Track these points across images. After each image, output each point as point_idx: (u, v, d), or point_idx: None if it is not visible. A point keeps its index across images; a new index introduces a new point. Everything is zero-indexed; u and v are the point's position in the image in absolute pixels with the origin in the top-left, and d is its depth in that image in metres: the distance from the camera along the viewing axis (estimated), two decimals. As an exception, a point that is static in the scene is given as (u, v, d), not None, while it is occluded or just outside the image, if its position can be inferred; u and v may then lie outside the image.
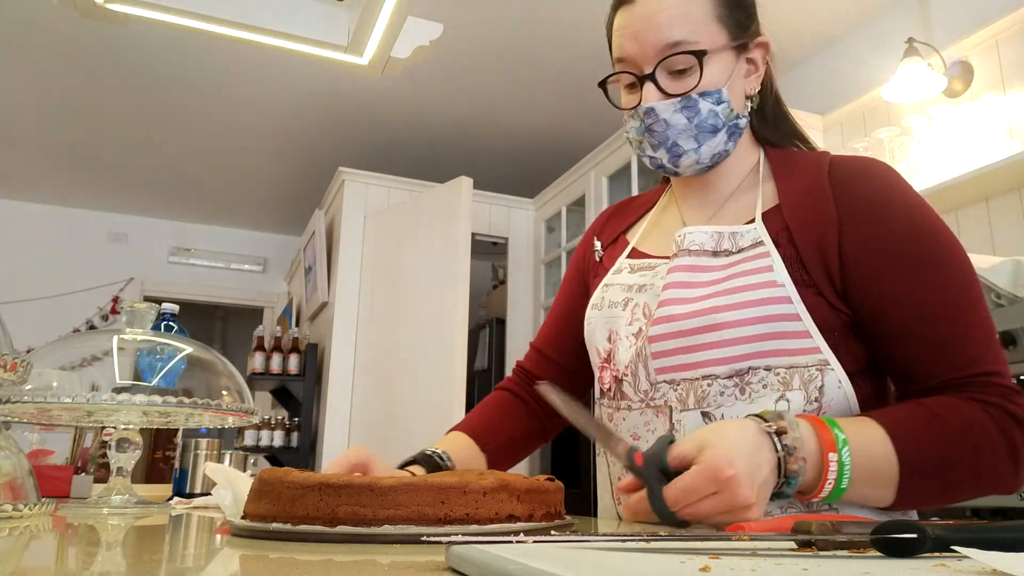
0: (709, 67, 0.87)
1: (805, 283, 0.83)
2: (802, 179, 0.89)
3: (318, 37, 2.20)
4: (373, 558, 0.49)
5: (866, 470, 0.74)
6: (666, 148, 0.90)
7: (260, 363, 4.33)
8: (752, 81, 0.93)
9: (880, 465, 0.74)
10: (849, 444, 0.73)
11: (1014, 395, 0.77)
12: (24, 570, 0.49)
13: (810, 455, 0.72)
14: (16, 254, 5.43)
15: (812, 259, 0.83)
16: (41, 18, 3.36)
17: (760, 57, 0.93)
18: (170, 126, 4.43)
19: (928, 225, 0.84)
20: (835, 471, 0.72)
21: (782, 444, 0.71)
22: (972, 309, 0.80)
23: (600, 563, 0.38)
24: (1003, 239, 2.44)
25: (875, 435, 0.75)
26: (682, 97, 0.87)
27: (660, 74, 0.88)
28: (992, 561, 0.34)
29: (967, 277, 0.82)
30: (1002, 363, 0.79)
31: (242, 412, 1.17)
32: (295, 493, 0.61)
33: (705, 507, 0.68)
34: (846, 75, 3.30)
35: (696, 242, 0.90)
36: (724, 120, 0.89)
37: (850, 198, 0.85)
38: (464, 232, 3.72)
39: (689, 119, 0.88)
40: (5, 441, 0.87)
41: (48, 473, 1.75)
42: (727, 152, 0.92)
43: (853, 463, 0.73)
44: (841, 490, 0.73)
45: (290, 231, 6.11)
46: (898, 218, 0.83)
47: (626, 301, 0.94)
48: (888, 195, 0.85)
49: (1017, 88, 2.48)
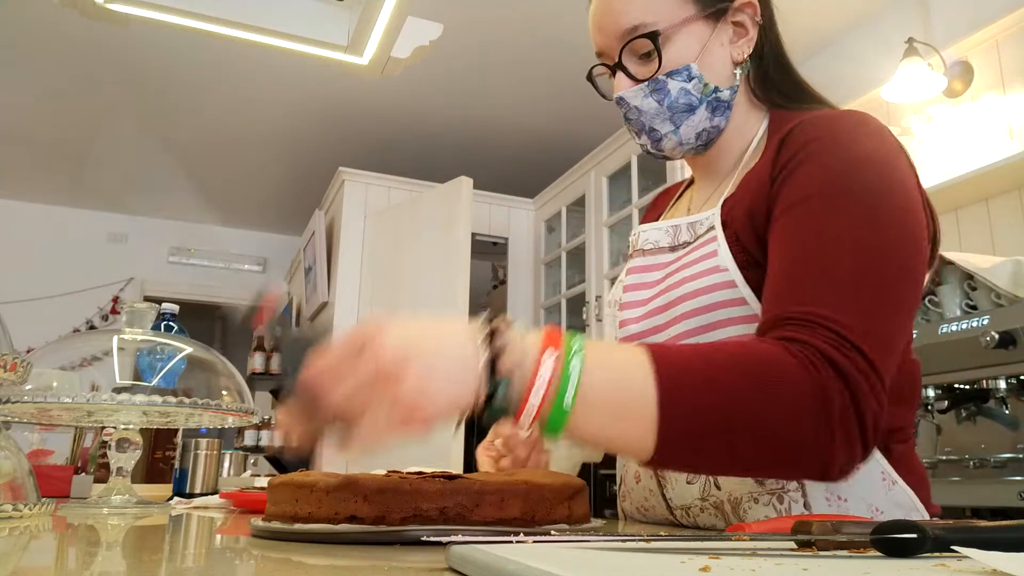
0: (671, 45, 0.82)
1: (748, 263, 0.76)
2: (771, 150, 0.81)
3: (318, 37, 2.20)
4: (374, 561, 0.49)
5: (607, 394, 0.57)
6: (646, 133, 0.87)
7: (260, 363, 4.33)
8: (741, 46, 0.86)
9: (629, 390, 0.58)
10: (585, 353, 0.57)
11: (845, 345, 0.61)
12: (24, 570, 0.49)
13: (526, 359, 0.56)
14: (16, 254, 5.42)
15: (744, 229, 0.77)
16: (41, 18, 3.36)
17: (749, 19, 0.86)
18: (170, 126, 4.43)
19: (866, 162, 0.73)
20: (547, 374, 0.55)
21: (490, 345, 0.56)
22: (872, 256, 0.67)
23: (600, 563, 0.38)
24: (1003, 239, 2.44)
25: (628, 352, 0.60)
26: (649, 81, 0.83)
27: (628, 60, 0.84)
28: (992, 561, 0.34)
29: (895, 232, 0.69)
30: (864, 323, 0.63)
31: (242, 412, 1.17)
32: (298, 494, 0.61)
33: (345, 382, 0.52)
34: (846, 75, 3.30)
35: (650, 240, 0.90)
36: (699, 96, 0.84)
37: (788, 147, 0.77)
38: (464, 232, 3.72)
39: (659, 102, 0.84)
40: (5, 441, 0.87)
41: (48, 473, 1.75)
42: (717, 128, 0.86)
43: (585, 378, 0.56)
44: (561, 412, 0.55)
45: (290, 231, 6.11)
46: (829, 153, 0.74)
47: (615, 301, 0.96)
48: (831, 133, 0.76)
49: (1017, 88, 2.48)
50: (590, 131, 4.06)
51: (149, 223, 5.90)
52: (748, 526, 0.56)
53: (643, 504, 0.91)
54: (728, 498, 0.81)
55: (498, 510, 0.59)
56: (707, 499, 0.82)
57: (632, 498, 0.94)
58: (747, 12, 0.86)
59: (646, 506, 0.91)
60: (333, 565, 0.48)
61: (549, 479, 0.64)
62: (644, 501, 0.90)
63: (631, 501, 0.94)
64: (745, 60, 0.87)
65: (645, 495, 0.89)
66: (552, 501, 0.63)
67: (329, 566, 0.48)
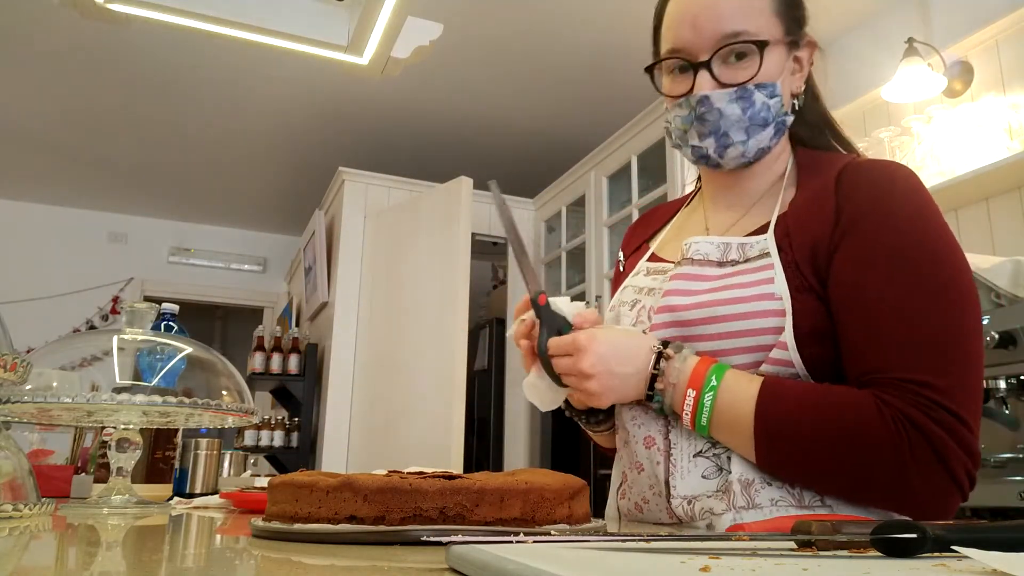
0: (767, 59, 0.86)
1: (805, 288, 0.81)
2: (815, 183, 0.87)
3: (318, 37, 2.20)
4: (374, 561, 0.49)
5: (727, 418, 0.78)
6: (716, 137, 0.89)
7: (260, 363, 4.33)
8: (797, 80, 0.92)
9: (739, 419, 0.78)
10: (718, 391, 0.78)
11: (935, 408, 0.72)
12: (24, 570, 0.49)
13: (677, 385, 0.80)
14: (16, 254, 5.43)
15: (804, 259, 0.82)
16: (41, 18, 3.36)
17: (807, 56, 0.92)
18: (170, 126, 4.43)
19: (924, 229, 0.80)
20: (691, 406, 0.79)
21: (657, 365, 0.81)
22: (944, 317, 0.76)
23: (600, 563, 0.38)
24: (1003, 239, 2.44)
25: (747, 389, 0.78)
26: (738, 87, 0.86)
27: (715, 63, 0.87)
28: (992, 561, 0.34)
29: (957, 293, 0.78)
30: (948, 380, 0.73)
31: (242, 412, 1.17)
32: (298, 494, 0.61)
33: (562, 363, 0.83)
34: (846, 75, 3.30)
35: (701, 252, 0.90)
36: (775, 114, 0.88)
37: (851, 196, 0.83)
38: (464, 232, 3.72)
39: (743, 110, 0.87)
40: (5, 441, 0.87)
41: (48, 473, 1.75)
42: (769, 148, 0.91)
43: (716, 408, 0.78)
44: (702, 427, 0.80)
45: (290, 231, 6.11)
46: (893, 215, 0.81)
47: (634, 302, 0.95)
48: (890, 194, 0.82)
49: (1017, 88, 2.48)
50: (590, 131, 4.06)
51: (149, 223, 5.91)
52: (748, 526, 0.56)
53: (642, 498, 0.91)
54: (739, 478, 0.82)
55: (498, 510, 0.59)
56: (717, 485, 0.82)
57: (631, 494, 0.93)
58: (808, 50, 0.93)
59: (646, 496, 0.90)
60: (333, 565, 0.48)
61: (549, 479, 0.64)
62: (646, 492, 0.90)
63: (630, 497, 0.94)
64: (800, 93, 0.93)
65: (650, 483, 0.89)
66: (552, 501, 0.62)
67: (329, 566, 0.48)
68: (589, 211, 3.99)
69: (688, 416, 0.80)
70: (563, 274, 4.27)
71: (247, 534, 0.67)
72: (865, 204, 0.82)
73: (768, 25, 0.87)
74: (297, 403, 4.39)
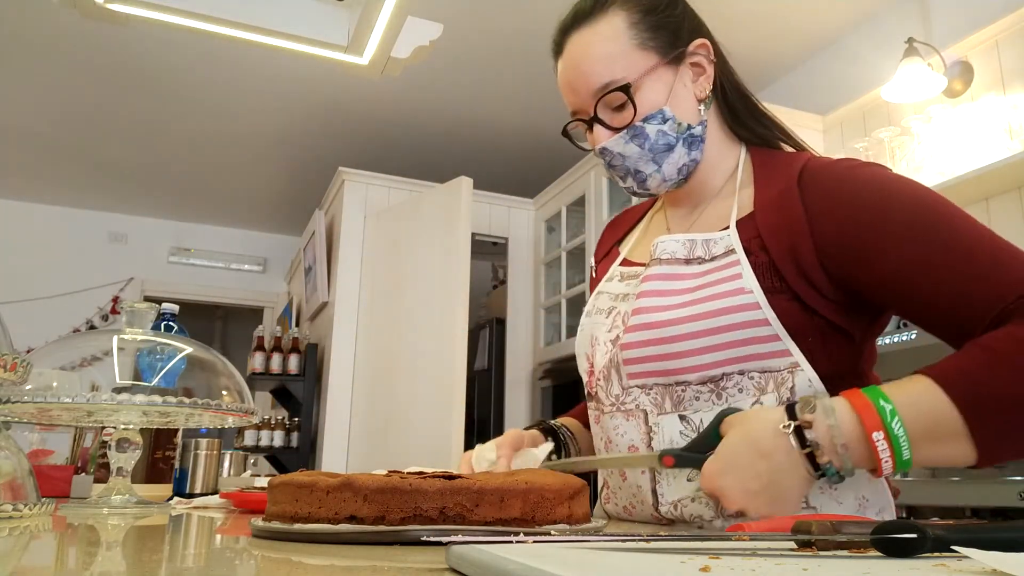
0: (642, 94, 0.89)
1: (777, 290, 0.82)
2: (776, 185, 0.89)
3: (318, 37, 2.20)
4: (374, 561, 0.49)
5: (924, 430, 0.70)
6: (630, 176, 0.93)
7: (260, 363, 4.33)
8: (702, 84, 0.94)
9: (938, 420, 0.70)
10: (899, 412, 0.70)
11: None
12: (24, 570, 0.49)
13: (852, 439, 0.71)
14: (16, 254, 5.43)
15: (786, 266, 0.83)
16: (41, 18, 3.36)
17: (704, 58, 0.94)
18: (170, 126, 4.43)
19: (903, 188, 0.82)
20: (886, 448, 0.69)
21: (805, 441, 0.71)
22: (982, 242, 0.76)
23: (600, 563, 0.38)
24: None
25: (923, 389, 0.71)
26: (627, 128, 0.90)
27: (603, 112, 0.91)
28: (992, 561, 0.34)
29: (962, 217, 0.79)
30: None
31: (242, 412, 1.17)
32: (298, 494, 0.61)
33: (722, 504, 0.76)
34: (846, 75, 3.30)
35: (668, 251, 0.92)
36: (677, 135, 0.91)
37: (816, 196, 0.84)
38: (464, 232, 3.72)
39: (640, 146, 0.90)
40: (5, 441, 0.87)
41: (48, 473, 1.74)
42: (694, 161, 0.93)
43: (908, 429, 0.69)
44: (905, 462, 0.70)
45: (290, 231, 6.11)
46: (867, 192, 0.82)
47: (611, 309, 0.96)
48: (853, 177, 0.84)
49: (1017, 88, 2.48)
50: (590, 131, 4.05)
51: (149, 223, 5.91)
52: (748, 526, 0.57)
53: (629, 503, 0.93)
54: None
55: (498, 510, 0.59)
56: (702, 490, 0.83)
57: (617, 499, 0.95)
58: (702, 52, 0.94)
59: (633, 503, 0.92)
60: (333, 565, 0.48)
61: (549, 479, 0.64)
62: (631, 498, 0.91)
63: (615, 503, 0.96)
64: (708, 96, 0.94)
65: (632, 492, 0.91)
66: (552, 501, 0.62)
67: (329, 566, 0.48)
68: (589, 211, 3.99)
69: (888, 462, 0.70)
70: (563, 274, 4.27)
71: (247, 534, 0.67)
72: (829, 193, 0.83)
73: (634, 63, 0.89)
74: (297, 403, 4.39)
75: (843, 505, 0.83)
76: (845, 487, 0.83)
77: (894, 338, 2.26)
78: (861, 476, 0.83)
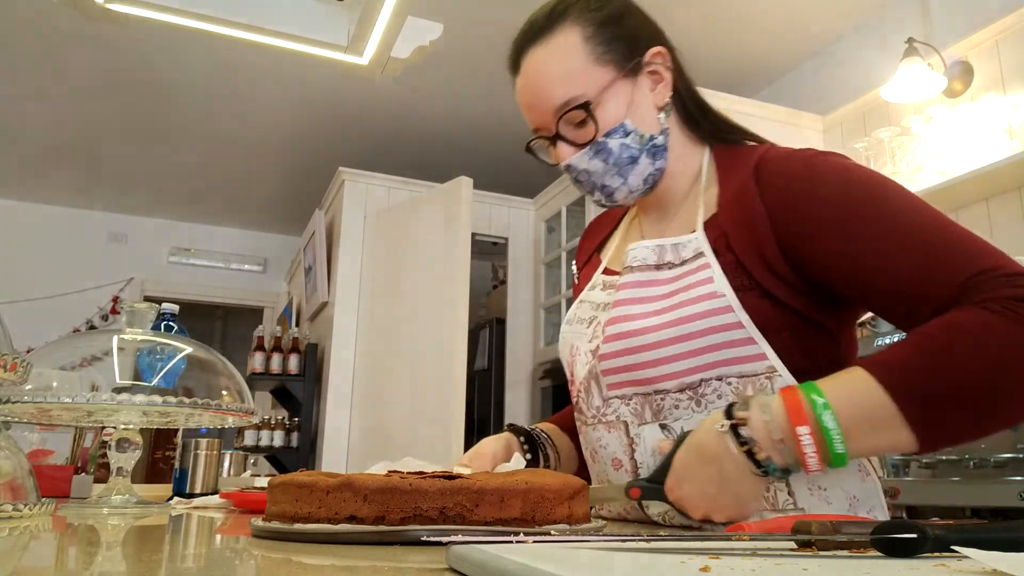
0: (602, 109, 0.88)
1: (747, 287, 0.82)
2: (736, 181, 0.88)
3: (318, 37, 2.20)
4: (374, 561, 0.49)
5: (860, 422, 0.70)
6: (597, 190, 0.93)
7: (260, 363, 4.33)
8: (661, 91, 0.93)
9: (873, 410, 0.70)
10: (831, 405, 0.69)
11: (1018, 278, 0.71)
12: (24, 570, 0.49)
13: (788, 435, 0.70)
14: (16, 254, 5.42)
15: (752, 261, 0.83)
16: (41, 18, 3.36)
17: (661, 67, 0.93)
18: (170, 126, 4.43)
19: (856, 175, 0.82)
20: (811, 443, 0.69)
21: (740, 439, 0.72)
22: (931, 226, 0.77)
23: (600, 563, 0.38)
24: (1003, 239, 2.44)
25: (858, 381, 0.71)
26: (590, 144, 0.90)
27: (565, 129, 0.91)
28: (992, 561, 0.34)
29: (913, 202, 0.79)
30: (988, 257, 0.73)
31: (242, 412, 1.17)
32: (298, 494, 0.61)
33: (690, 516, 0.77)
34: (846, 75, 3.30)
35: (639, 258, 0.93)
36: (640, 146, 0.90)
37: (773, 189, 0.84)
38: (464, 232, 3.72)
39: (605, 161, 0.90)
40: (5, 441, 0.87)
41: (48, 473, 1.74)
42: (659, 170, 0.93)
43: (842, 421, 0.69)
44: (839, 455, 0.70)
45: (290, 231, 6.11)
46: (824, 183, 0.82)
47: (591, 319, 0.97)
48: (809, 168, 0.84)
49: (1017, 88, 2.48)
50: (590, 131, 4.05)
51: (149, 223, 5.90)
52: (748, 526, 0.57)
53: (624, 509, 0.95)
54: None
55: (498, 510, 0.59)
56: None
57: (611, 506, 0.97)
58: (658, 61, 0.93)
59: (627, 508, 0.93)
60: (333, 565, 0.48)
61: (549, 479, 0.64)
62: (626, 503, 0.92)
63: (609, 508, 0.97)
64: (667, 104, 0.93)
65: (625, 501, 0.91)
66: (552, 501, 0.62)
67: (329, 566, 0.48)
68: (589, 211, 3.99)
69: (814, 457, 0.69)
70: (563, 274, 4.27)
71: (247, 534, 0.67)
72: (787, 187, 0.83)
73: (592, 79, 0.88)
74: (297, 403, 4.39)
75: (833, 505, 0.83)
76: (833, 485, 0.83)
77: (893, 337, 2.26)
78: (848, 474, 0.84)
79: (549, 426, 1.09)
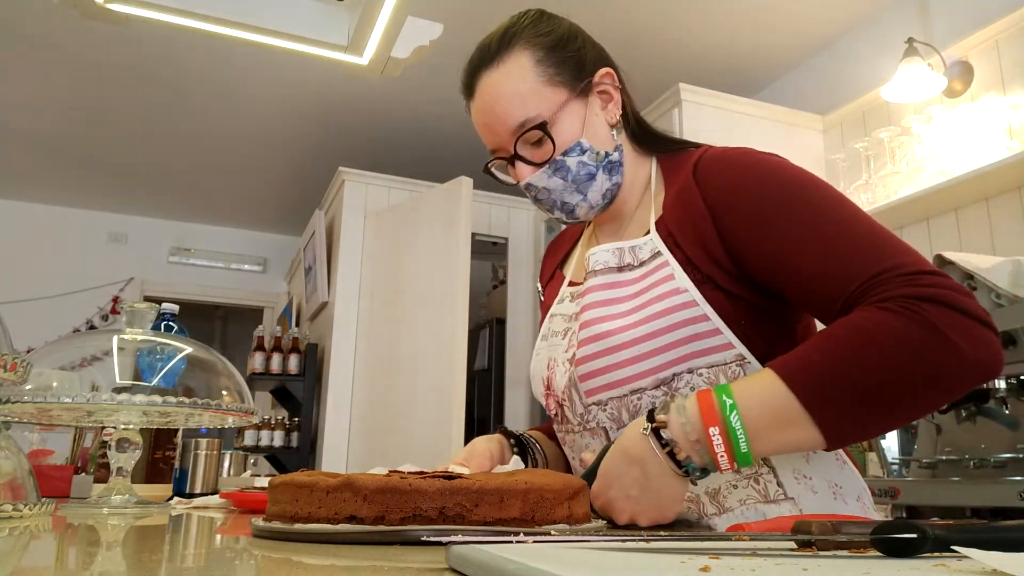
0: (558, 128, 0.91)
1: (701, 281, 0.85)
2: (677, 184, 0.92)
3: (318, 37, 2.20)
4: (374, 561, 0.49)
5: (766, 422, 0.72)
6: (558, 208, 0.96)
7: (260, 363, 4.33)
8: (611, 110, 0.96)
9: (779, 411, 0.72)
10: (738, 406, 0.72)
11: (920, 277, 0.73)
12: (24, 570, 0.49)
13: (702, 435, 0.73)
14: (16, 254, 5.43)
15: (699, 256, 0.86)
16: (41, 18, 3.36)
17: (610, 86, 0.96)
18: (170, 126, 4.43)
19: (786, 174, 0.85)
20: (721, 443, 0.72)
21: (662, 441, 0.74)
22: (848, 225, 0.79)
23: (600, 563, 0.38)
24: (1003, 239, 2.44)
25: (765, 382, 0.74)
26: (548, 163, 0.92)
27: (523, 149, 0.93)
28: (992, 561, 0.34)
29: (836, 203, 0.81)
30: (895, 256, 0.76)
31: (242, 412, 1.17)
32: (299, 494, 0.61)
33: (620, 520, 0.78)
34: (846, 75, 3.30)
35: (600, 261, 0.95)
36: (596, 163, 0.93)
37: (711, 186, 0.87)
38: (464, 232, 3.72)
39: (564, 178, 0.93)
40: (5, 441, 0.87)
41: (48, 473, 1.75)
42: (616, 185, 0.96)
43: (747, 422, 0.72)
44: (744, 455, 0.72)
45: (290, 231, 6.11)
46: (756, 180, 0.85)
47: (566, 330, 0.99)
48: (742, 163, 0.87)
49: (1017, 88, 2.48)
50: (590, 131, 4.05)
51: (149, 223, 5.90)
52: (748, 526, 0.57)
53: None
54: (705, 491, 0.86)
55: (498, 510, 0.59)
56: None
57: None
58: (607, 81, 0.96)
59: None
60: (333, 565, 0.48)
61: (549, 479, 0.64)
62: None
63: None
64: (618, 121, 0.97)
65: None
66: (552, 501, 0.62)
67: (329, 566, 0.48)
68: (589, 211, 3.99)
69: (725, 456, 0.72)
70: (563, 274, 4.27)
71: (247, 534, 0.68)
72: (723, 183, 0.86)
73: (546, 99, 0.91)
74: (297, 403, 4.39)
75: (818, 494, 0.86)
76: (815, 474, 0.86)
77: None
78: (829, 463, 0.88)
79: (537, 433, 1.11)
